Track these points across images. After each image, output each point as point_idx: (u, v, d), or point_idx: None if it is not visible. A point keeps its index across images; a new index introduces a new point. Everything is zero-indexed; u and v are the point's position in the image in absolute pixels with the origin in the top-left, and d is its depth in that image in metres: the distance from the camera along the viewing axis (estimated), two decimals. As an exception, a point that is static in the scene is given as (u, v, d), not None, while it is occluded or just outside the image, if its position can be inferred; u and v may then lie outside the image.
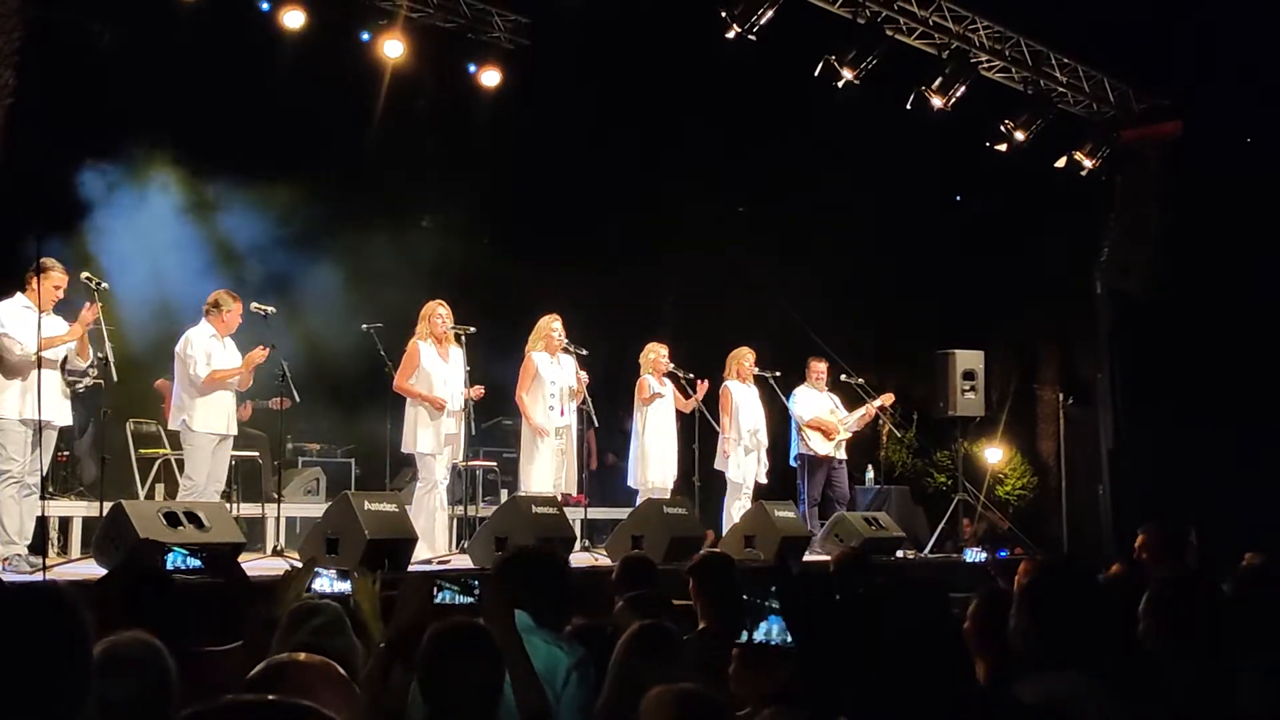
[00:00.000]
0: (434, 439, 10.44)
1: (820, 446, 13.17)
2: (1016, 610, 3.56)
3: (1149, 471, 14.56)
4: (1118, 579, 5.51)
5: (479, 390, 10.85)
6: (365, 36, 13.06)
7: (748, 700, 4.12)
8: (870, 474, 15.23)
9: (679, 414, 12.26)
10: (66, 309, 8.97)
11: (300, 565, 4.25)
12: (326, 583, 4.82)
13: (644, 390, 12.05)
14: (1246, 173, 14.47)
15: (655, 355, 12.15)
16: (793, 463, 13.31)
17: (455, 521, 11.09)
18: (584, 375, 11.41)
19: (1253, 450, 13.32)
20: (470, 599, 4.21)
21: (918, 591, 3.49)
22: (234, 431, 9.90)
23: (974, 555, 12.56)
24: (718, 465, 12.55)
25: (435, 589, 4.03)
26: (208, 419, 9.66)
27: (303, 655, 2.97)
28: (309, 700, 2.64)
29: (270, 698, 1.78)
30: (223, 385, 9.74)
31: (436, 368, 10.51)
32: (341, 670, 3.30)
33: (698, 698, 3.07)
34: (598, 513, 12.96)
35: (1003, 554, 12.69)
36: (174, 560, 4.87)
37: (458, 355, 10.70)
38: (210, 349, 9.74)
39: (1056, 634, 3.46)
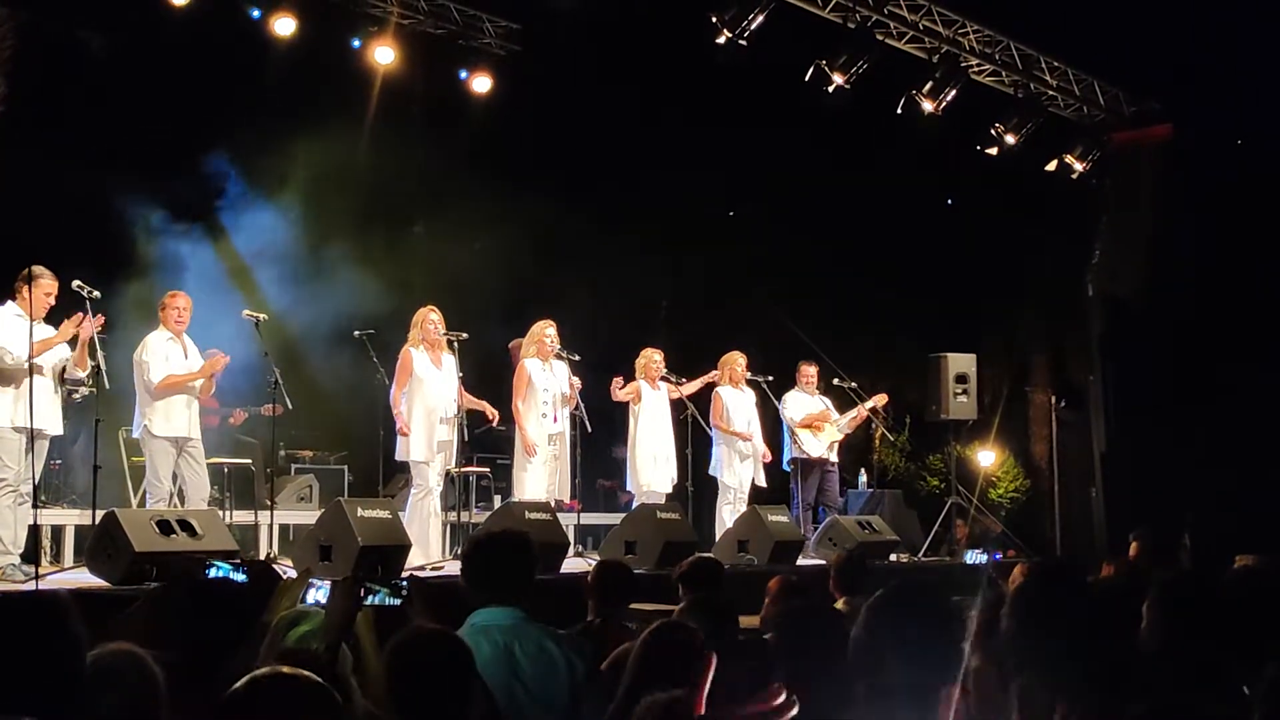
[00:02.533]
0: (427, 446, 10.42)
1: (813, 448, 13.16)
2: (1008, 614, 3.55)
3: (1141, 474, 14.57)
4: (1110, 581, 5.52)
5: (493, 412, 10.90)
6: (356, 43, 13.06)
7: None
8: (863, 478, 15.24)
9: (675, 417, 12.25)
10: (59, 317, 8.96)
11: (295, 573, 4.24)
12: (323, 594, 4.79)
13: (629, 393, 12.01)
14: (1237, 175, 14.50)
15: (648, 361, 12.15)
16: (785, 467, 13.31)
17: (449, 528, 11.07)
18: (577, 381, 11.39)
19: (1244, 452, 13.35)
20: (399, 600, 4.20)
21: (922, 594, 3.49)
22: (195, 435, 9.79)
23: (974, 558, 12.60)
24: (712, 471, 12.55)
25: (365, 592, 4.01)
26: (165, 423, 9.61)
27: (287, 668, 2.95)
28: (299, 716, 2.63)
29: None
30: (180, 390, 9.69)
31: (429, 374, 10.49)
32: (329, 687, 3.28)
33: (689, 707, 3.05)
34: (591, 518, 12.95)
35: (996, 557, 12.74)
36: (219, 575, 4.82)
37: (450, 362, 10.68)
38: (167, 352, 9.67)
39: (1047, 638, 3.44)
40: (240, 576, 4.65)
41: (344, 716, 2.69)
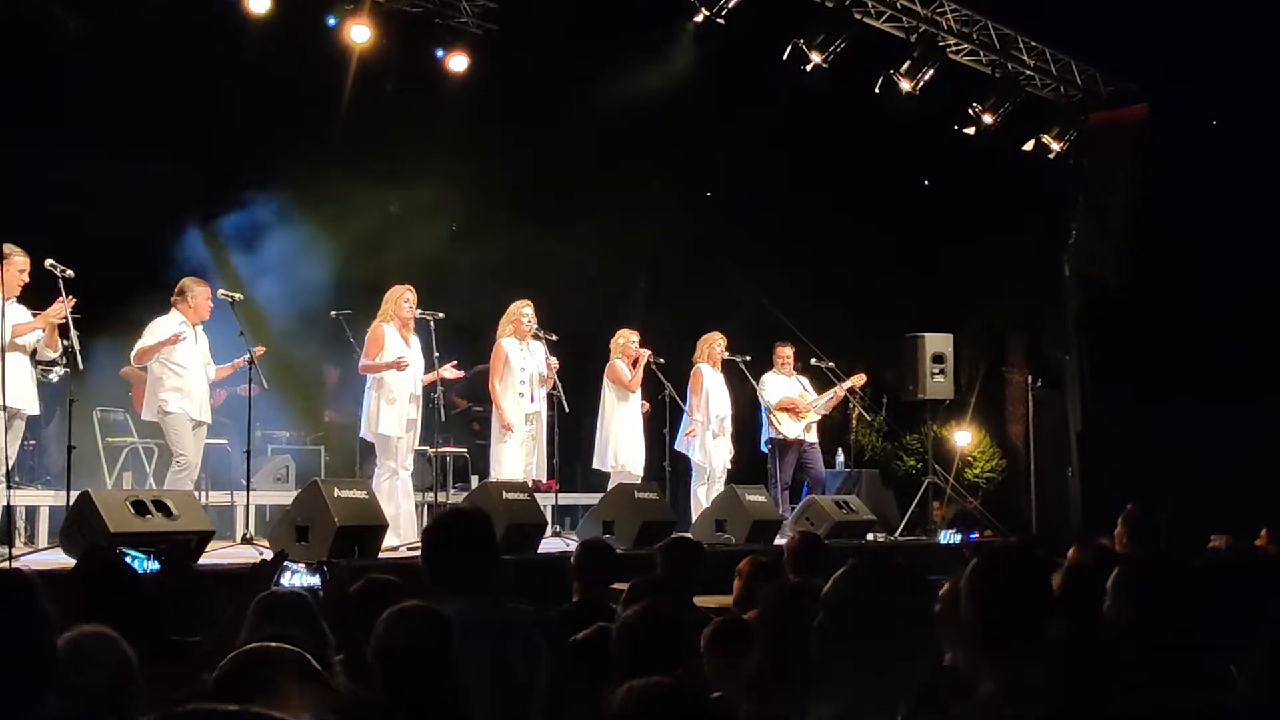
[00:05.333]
0: (398, 422, 10.34)
1: (789, 429, 13.19)
2: (964, 600, 3.52)
3: (1117, 453, 14.64)
4: (1077, 563, 5.53)
5: (454, 373, 10.86)
6: (332, 21, 12.96)
7: (720, 685, 4.12)
8: (840, 457, 15.26)
9: (651, 396, 12.27)
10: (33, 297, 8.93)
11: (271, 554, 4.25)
12: (299, 578, 4.81)
13: (612, 375, 12.02)
14: (1213, 155, 14.55)
15: (625, 340, 12.14)
16: (763, 448, 13.32)
17: (426, 508, 11.05)
18: (554, 361, 11.38)
19: (1221, 432, 13.42)
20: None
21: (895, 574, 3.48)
22: (207, 419, 9.86)
23: (948, 537, 12.65)
24: (679, 447, 12.53)
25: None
26: (183, 400, 9.64)
27: (274, 645, 2.96)
28: (280, 692, 2.63)
29: (231, 709, 1.73)
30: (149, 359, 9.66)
31: (400, 351, 10.42)
32: (314, 662, 3.29)
33: (672, 693, 3.05)
34: (569, 498, 12.95)
35: (972, 536, 12.80)
36: (130, 560, 4.85)
37: (417, 342, 10.63)
38: (175, 336, 9.66)
39: (1001, 622, 3.41)
40: (153, 565, 4.68)
41: (327, 684, 2.69)
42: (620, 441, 11.99)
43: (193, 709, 1.74)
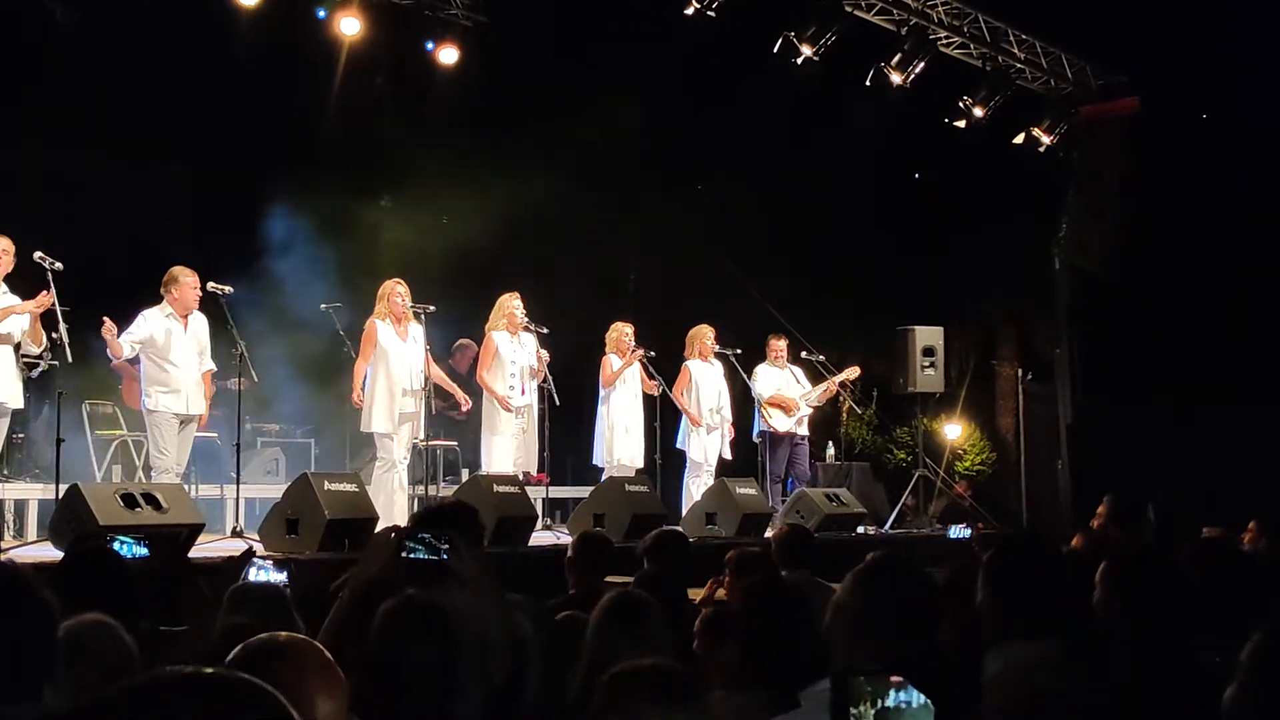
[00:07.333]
0: (389, 418, 10.36)
1: (780, 423, 13.19)
2: (981, 584, 3.60)
3: (1107, 446, 14.67)
4: (1079, 551, 5.55)
5: (465, 398, 10.91)
6: (321, 13, 12.93)
7: (713, 671, 4.12)
8: (831, 450, 15.26)
9: (644, 394, 12.26)
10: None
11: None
12: (265, 573, 4.81)
13: (607, 369, 12.02)
14: (1203, 148, 14.58)
15: (619, 334, 12.12)
16: (755, 439, 13.33)
17: (416, 501, 11.04)
18: (545, 354, 11.36)
19: (1210, 424, 13.45)
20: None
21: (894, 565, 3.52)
22: (196, 412, 9.81)
23: (957, 532, 12.65)
24: (679, 444, 12.55)
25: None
26: (171, 398, 9.61)
27: (284, 635, 2.93)
28: (294, 682, 2.59)
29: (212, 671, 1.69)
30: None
31: (394, 347, 10.43)
32: (321, 647, 3.27)
33: (661, 673, 3.04)
34: (559, 491, 12.93)
35: (967, 532, 12.80)
36: (118, 549, 4.86)
37: (417, 333, 10.62)
38: (166, 328, 9.62)
39: (1018, 606, 3.53)
40: (141, 550, 4.68)
41: (339, 674, 2.66)
42: (619, 436, 11.98)
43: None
